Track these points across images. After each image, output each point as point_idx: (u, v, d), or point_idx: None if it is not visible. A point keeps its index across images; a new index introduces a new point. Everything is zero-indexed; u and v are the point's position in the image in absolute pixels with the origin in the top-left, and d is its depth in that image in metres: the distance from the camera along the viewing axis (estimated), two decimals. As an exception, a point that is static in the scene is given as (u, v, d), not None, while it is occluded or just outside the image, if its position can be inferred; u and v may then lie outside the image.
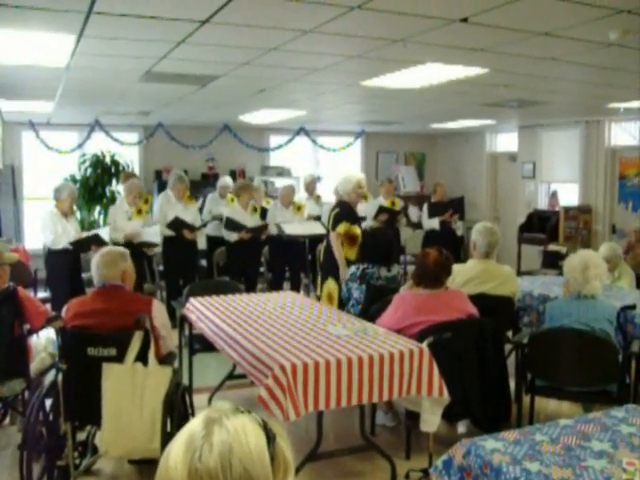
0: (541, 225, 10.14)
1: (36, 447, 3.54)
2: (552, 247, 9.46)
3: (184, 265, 7.65)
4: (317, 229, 8.40)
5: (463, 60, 5.14)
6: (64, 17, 3.84)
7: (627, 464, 2.19)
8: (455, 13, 3.85)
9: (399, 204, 9.26)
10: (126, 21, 3.96)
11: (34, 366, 4.27)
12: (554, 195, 10.63)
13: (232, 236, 7.76)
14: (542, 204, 10.90)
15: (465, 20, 3.97)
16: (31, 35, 4.29)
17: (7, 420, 4.62)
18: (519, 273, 9.21)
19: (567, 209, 9.77)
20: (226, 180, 9.16)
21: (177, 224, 7.48)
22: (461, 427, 4.43)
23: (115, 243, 6.65)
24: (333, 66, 5.44)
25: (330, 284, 6.10)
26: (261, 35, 4.38)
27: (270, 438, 1.13)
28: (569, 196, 10.40)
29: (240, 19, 3.98)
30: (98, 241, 6.66)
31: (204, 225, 8.00)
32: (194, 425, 1.12)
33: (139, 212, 7.28)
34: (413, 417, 3.94)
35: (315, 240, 8.35)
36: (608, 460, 2.23)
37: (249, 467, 1.06)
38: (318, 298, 6.26)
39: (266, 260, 8.54)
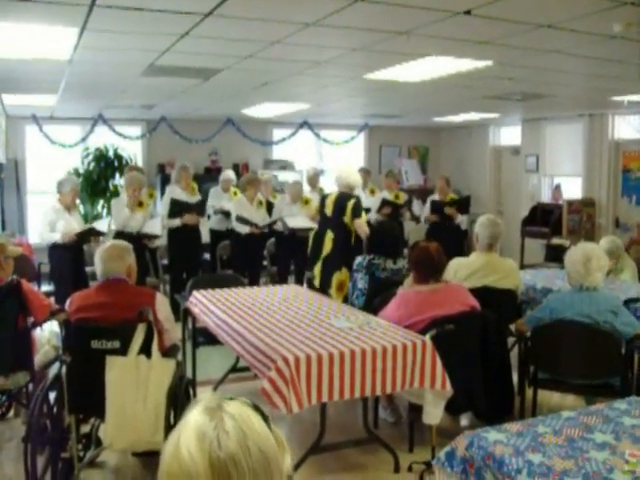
0: (544, 218, 10.13)
1: (40, 439, 3.55)
2: (555, 240, 9.45)
3: (188, 259, 7.67)
4: (320, 223, 8.41)
5: (466, 53, 5.13)
6: (67, 10, 3.83)
7: (630, 455, 2.20)
8: (458, 5, 3.83)
9: (403, 197, 9.25)
10: (129, 14, 3.95)
11: (38, 359, 4.27)
12: (557, 188, 10.60)
13: (244, 229, 7.77)
14: (545, 197, 10.88)
15: (468, 12, 3.95)
16: (34, 28, 4.29)
17: (11, 413, 4.64)
18: (522, 267, 9.21)
19: (570, 202, 9.74)
20: (228, 174, 9.16)
21: (176, 206, 7.50)
22: (464, 420, 4.44)
23: (118, 233, 6.69)
24: (336, 59, 5.42)
25: (344, 274, 6.14)
26: (264, 28, 4.37)
27: (266, 419, 1.15)
28: (572, 189, 10.38)
29: (243, 12, 3.97)
30: (96, 233, 6.73)
31: (201, 204, 7.93)
32: (197, 417, 1.11)
33: (140, 205, 7.28)
34: (416, 410, 3.95)
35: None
36: (611, 452, 2.24)
37: (264, 449, 1.09)
38: (319, 289, 6.25)
39: (270, 254, 8.54)
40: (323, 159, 12.28)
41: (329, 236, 6.39)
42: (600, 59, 5.38)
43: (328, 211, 6.50)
